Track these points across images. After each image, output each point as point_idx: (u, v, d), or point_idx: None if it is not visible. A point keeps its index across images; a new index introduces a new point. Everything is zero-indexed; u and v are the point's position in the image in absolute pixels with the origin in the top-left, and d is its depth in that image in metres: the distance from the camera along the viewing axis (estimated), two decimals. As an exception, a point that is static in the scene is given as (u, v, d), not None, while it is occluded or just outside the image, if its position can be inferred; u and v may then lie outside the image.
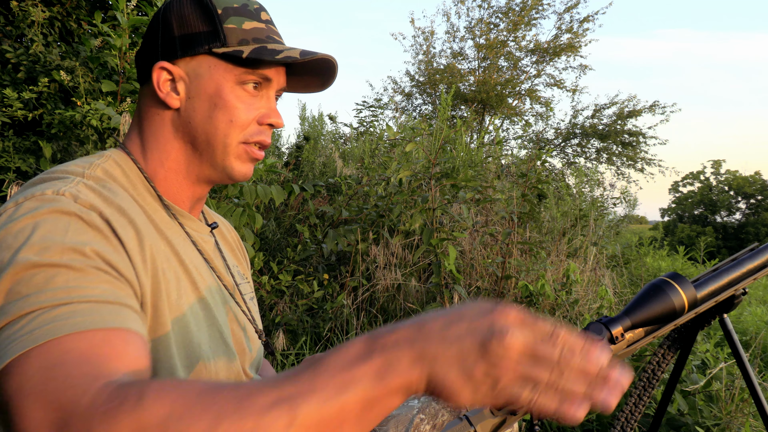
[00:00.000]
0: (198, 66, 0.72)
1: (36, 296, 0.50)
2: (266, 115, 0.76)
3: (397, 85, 13.29)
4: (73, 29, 2.83)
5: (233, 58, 0.72)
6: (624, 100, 12.30)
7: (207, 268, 0.78)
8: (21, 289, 0.50)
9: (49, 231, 0.54)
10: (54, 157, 2.41)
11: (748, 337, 3.37)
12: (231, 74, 0.72)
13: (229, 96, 0.72)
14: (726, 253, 20.32)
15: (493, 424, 0.69)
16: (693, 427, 1.81)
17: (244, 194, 2.17)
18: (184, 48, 0.72)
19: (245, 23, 0.73)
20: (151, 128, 0.75)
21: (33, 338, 0.47)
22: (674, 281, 0.75)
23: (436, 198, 2.74)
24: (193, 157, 0.75)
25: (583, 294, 3.05)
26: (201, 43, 0.72)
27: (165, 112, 0.75)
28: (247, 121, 0.74)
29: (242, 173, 0.77)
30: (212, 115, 0.72)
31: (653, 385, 1.00)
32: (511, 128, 12.88)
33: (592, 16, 11.78)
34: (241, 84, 0.73)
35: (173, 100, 0.73)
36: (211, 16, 0.72)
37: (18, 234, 0.54)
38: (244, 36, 0.72)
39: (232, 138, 0.73)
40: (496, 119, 12.18)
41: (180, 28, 0.73)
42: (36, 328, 0.48)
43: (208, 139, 0.73)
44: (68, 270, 0.52)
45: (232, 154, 0.74)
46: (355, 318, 2.73)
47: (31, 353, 0.46)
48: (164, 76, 0.73)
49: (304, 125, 6.30)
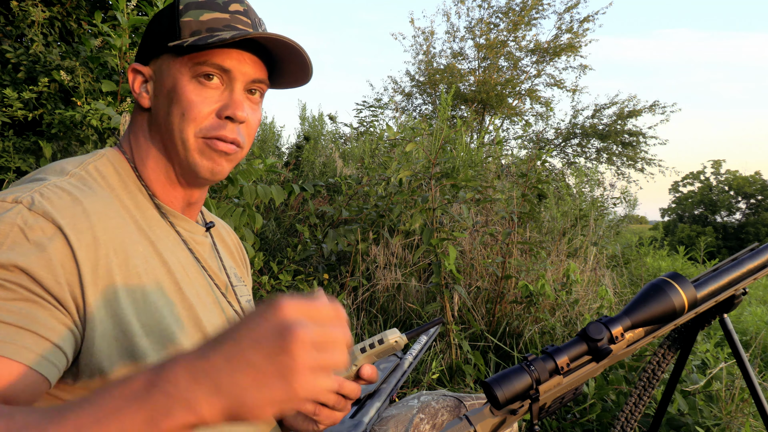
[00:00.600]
0: (162, 64, 0.73)
1: None
2: (224, 106, 0.72)
3: (397, 85, 13.30)
4: (73, 29, 2.83)
5: (182, 50, 0.71)
6: (624, 100, 12.31)
7: (198, 268, 0.77)
8: None
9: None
10: (54, 157, 2.41)
11: (748, 337, 3.37)
12: (185, 68, 0.71)
13: (183, 90, 0.71)
14: (726, 253, 20.31)
15: (493, 424, 0.69)
16: (693, 427, 1.81)
17: (244, 194, 2.17)
18: (152, 48, 0.74)
19: (204, 15, 0.72)
20: (134, 129, 0.77)
21: None
22: (674, 281, 0.75)
23: (436, 198, 2.74)
24: (167, 157, 0.75)
25: (583, 294, 3.05)
26: (162, 40, 0.73)
27: (142, 113, 0.77)
28: (202, 114, 0.71)
29: (207, 168, 0.73)
30: (170, 110, 0.72)
31: (653, 385, 1.00)
32: (511, 128, 12.88)
33: (592, 16, 11.79)
34: (197, 78, 0.71)
35: (144, 100, 0.75)
36: (173, 12, 0.73)
37: None
38: (198, 27, 0.71)
39: (187, 132, 0.71)
40: (496, 119, 12.18)
41: (151, 30, 0.75)
42: None
43: (170, 135, 0.73)
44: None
45: (192, 149, 0.72)
46: (355, 318, 2.72)
47: None
48: (138, 78, 0.75)
49: (304, 125, 6.30)
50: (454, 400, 1.03)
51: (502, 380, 0.67)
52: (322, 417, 0.75)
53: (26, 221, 0.58)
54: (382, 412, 0.90)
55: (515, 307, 2.85)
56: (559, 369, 0.69)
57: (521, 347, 2.62)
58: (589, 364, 0.72)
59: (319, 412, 0.74)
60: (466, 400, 1.05)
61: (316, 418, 0.75)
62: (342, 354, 0.43)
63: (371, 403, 0.86)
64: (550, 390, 0.69)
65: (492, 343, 2.63)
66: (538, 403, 0.69)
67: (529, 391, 0.68)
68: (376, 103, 5.72)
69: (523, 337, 2.64)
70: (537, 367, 0.69)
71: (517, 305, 2.84)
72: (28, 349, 0.54)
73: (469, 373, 2.31)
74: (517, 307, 2.85)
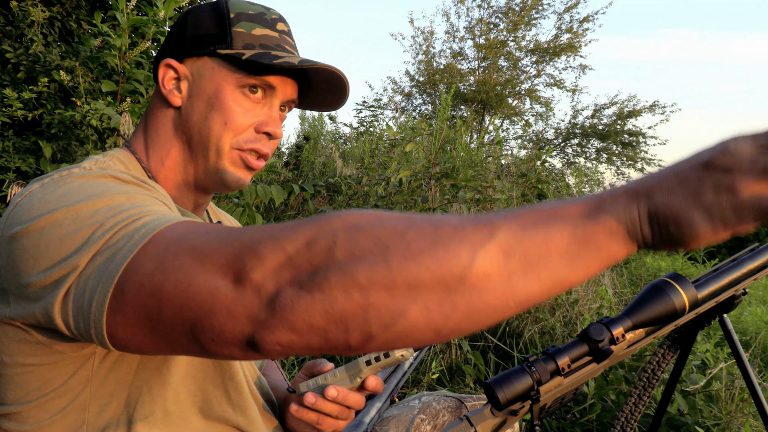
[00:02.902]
0: (203, 66, 0.73)
1: (111, 220, 0.50)
2: (264, 122, 0.74)
3: (397, 86, 13.31)
4: (73, 29, 2.83)
5: (235, 61, 0.72)
6: (624, 100, 12.32)
7: None
8: (107, 211, 0.51)
9: (97, 186, 0.55)
10: (54, 157, 2.41)
11: (748, 337, 3.38)
12: (233, 77, 0.72)
13: (227, 98, 0.72)
14: (726, 253, 20.30)
15: (494, 425, 0.69)
16: (693, 427, 1.81)
17: (244, 194, 2.17)
18: (192, 47, 0.73)
19: (256, 29, 0.73)
20: (154, 125, 0.75)
21: (149, 230, 0.48)
22: (675, 282, 0.75)
23: (436, 198, 2.73)
24: (190, 158, 0.75)
25: (583, 294, 3.05)
26: (207, 44, 0.72)
27: (167, 110, 0.75)
28: (243, 126, 0.73)
29: (235, 179, 0.75)
30: (208, 115, 0.72)
31: (653, 384, 1.00)
32: (511, 128, 12.90)
33: (592, 16, 11.80)
34: (241, 88, 0.73)
35: (175, 98, 0.73)
36: (223, 19, 0.73)
37: (67, 194, 0.54)
38: (251, 41, 0.72)
39: (224, 141, 0.72)
40: (496, 119, 12.19)
41: (193, 29, 0.73)
42: (142, 227, 0.49)
43: (202, 140, 0.73)
44: (135, 195, 0.55)
45: (225, 158, 0.73)
46: (355, 318, 2.72)
47: (156, 237, 0.47)
48: (170, 74, 0.74)
49: (304, 125, 6.31)
50: (456, 401, 1.04)
51: (503, 381, 0.67)
52: (325, 426, 0.76)
53: (117, 173, 0.59)
54: (383, 413, 0.91)
55: (515, 307, 2.84)
56: (560, 370, 0.69)
57: (521, 347, 2.62)
58: (589, 365, 0.72)
59: (322, 422, 0.75)
60: (468, 401, 1.05)
61: (319, 427, 0.76)
62: None
63: (372, 404, 0.86)
64: (550, 391, 0.70)
65: (492, 343, 2.63)
66: (538, 403, 0.69)
67: (530, 392, 0.68)
68: (376, 104, 5.73)
69: (523, 337, 2.64)
70: (538, 368, 0.69)
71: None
72: None
73: (469, 373, 2.31)
74: (517, 307, 2.84)
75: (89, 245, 0.49)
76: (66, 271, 0.49)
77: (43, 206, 0.53)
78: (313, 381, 0.74)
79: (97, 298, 0.47)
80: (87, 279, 0.48)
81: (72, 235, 0.50)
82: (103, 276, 0.47)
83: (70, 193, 0.54)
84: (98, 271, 0.48)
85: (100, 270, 0.47)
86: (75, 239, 0.50)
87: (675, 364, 1.03)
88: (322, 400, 0.72)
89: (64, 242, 0.50)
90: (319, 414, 0.74)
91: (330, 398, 0.72)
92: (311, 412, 0.74)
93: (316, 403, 0.72)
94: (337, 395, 0.72)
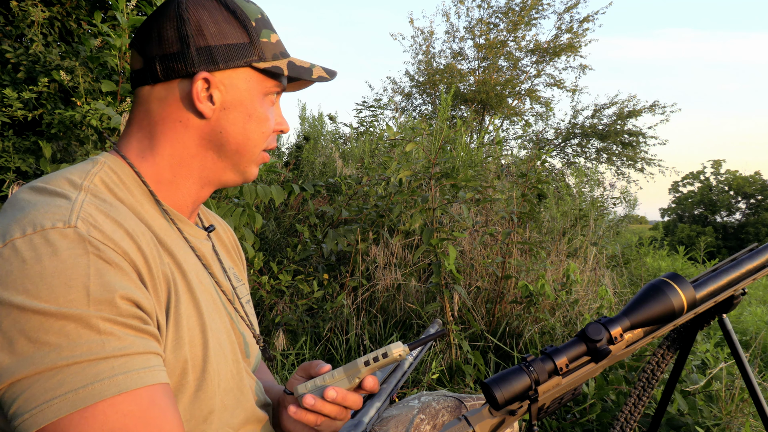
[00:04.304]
0: (236, 77, 0.73)
1: (69, 349, 0.51)
2: (279, 123, 0.79)
3: (397, 86, 13.30)
4: (73, 29, 2.83)
5: (271, 74, 0.74)
6: (624, 100, 12.31)
7: (206, 275, 0.76)
8: (50, 339, 0.51)
9: (71, 276, 0.53)
10: (54, 157, 2.41)
11: (748, 337, 3.37)
12: (261, 86, 0.75)
13: (260, 108, 0.75)
14: (726, 253, 20.30)
15: (492, 425, 0.69)
16: (693, 427, 1.81)
17: (244, 194, 2.17)
18: (226, 59, 0.71)
19: (271, 36, 0.75)
20: (166, 134, 0.72)
21: (80, 397, 0.50)
22: (673, 282, 0.75)
23: (436, 198, 2.74)
24: (215, 163, 0.75)
25: (583, 294, 3.05)
26: (241, 56, 0.72)
27: (191, 119, 0.72)
28: (271, 130, 0.78)
29: (254, 176, 0.80)
30: (246, 126, 0.74)
31: (653, 385, 1.00)
32: (511, 128, 12.87)
33: (592, 16, 11.78)
34: (265, 95, 0.76)
35: (207, 110, 0.71)
36: (245, 26, 0.72)
37: (37, 279, 0.53)
38: (274, 50, 0.75)
39: (259, 147, 0.77)
40: (496, 119, 12.18)
41: (214, 37, 0.70)
42: (80, 387, 0.50)
43: (238, 148, 0.75)
44: (97, 320, 0.53)
45: (253, 161, 0.78)
46: (355, 318, 2.72)
47: (85, 412, 0.49)
48: (202, 85, 0.71)
49: (304, 125, 6.30)
50: (455, 401, 1.04)
51: (501, 381, 0.67)
52: (323, 427, 0.77)
53: (99, 246, 0.57)
54: (383, 413, 0.90)
55: (515, 307, 2.85)
56: (558, 370, 0.69)
57: (521, 347, 2.62)
58: (588, 365, 0.72)
59: (320, 423, 0.75)
60: (467, 401, 1.05)
61: (318, 428, 0.76)
62: None
63: (371, 403, 0.86)
64: (549, 391, 0.69)
65: (492, 343, 2.63)
66: (537, 403, 0.69)
67: (528, 391, 0.68)
68: (376, 104, 5.73)
69: (523, 337, 2.64)
70: (536, 368, 0.69)
71: (517, 305, 2.84)
72: (158, 367, 0.57)
73: (469, 373, 2.31)
74: (517, 307, 2.85)
75: (38, 362, 0.50)
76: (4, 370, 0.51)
77: (8, 284, 0.53)
78: (312, 382, 0.74)
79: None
80: (22, 392, 0.50)
81: (26, 337, 0.51)
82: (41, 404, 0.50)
83: (41, 282, 0.53)
84: (34, 395, 0.50)
85: (36, 395, 0.50)
86: (27, 344, 0.51)
87: (675, 364, 1.03)
88: (321, 401, 0.72)
89: (14, 341, 0.51)
90: (318, 415, 0.74)
91: (329, 399, 0.72)
92: (310, 413, 0.74)
93: (315, 405, 0.72)
94: (336, 396, 0.72)
